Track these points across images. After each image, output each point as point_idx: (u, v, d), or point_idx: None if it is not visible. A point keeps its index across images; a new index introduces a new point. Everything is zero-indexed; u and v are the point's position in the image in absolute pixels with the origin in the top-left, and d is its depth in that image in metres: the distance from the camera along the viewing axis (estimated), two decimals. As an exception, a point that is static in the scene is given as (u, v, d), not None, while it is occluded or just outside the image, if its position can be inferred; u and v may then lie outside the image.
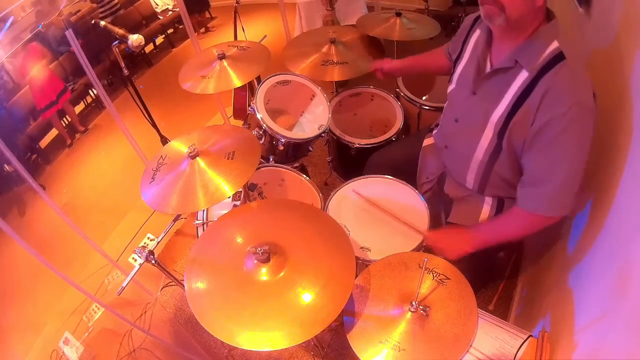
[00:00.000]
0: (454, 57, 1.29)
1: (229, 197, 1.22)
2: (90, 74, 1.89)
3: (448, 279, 0.98)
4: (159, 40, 5.00)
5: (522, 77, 1.01)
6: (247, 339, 0.84)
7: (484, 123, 1.11)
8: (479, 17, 1.19)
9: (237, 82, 1.63)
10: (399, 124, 1.83)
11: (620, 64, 1.00)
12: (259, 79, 1.79)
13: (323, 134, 1.64)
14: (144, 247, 1.20)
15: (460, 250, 1.15)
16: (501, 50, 1.08)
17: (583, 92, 0.94)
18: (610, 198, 0.93)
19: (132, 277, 1.21)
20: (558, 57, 0.96)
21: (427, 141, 1.48)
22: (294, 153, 1.75)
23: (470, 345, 0.88)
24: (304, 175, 1.61)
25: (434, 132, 1.44)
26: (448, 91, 1.29)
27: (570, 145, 0.96)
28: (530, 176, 1.05)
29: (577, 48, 0.99)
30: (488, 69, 1.12)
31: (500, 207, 1.26)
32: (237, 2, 2.22)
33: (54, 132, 3.89)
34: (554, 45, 0.97)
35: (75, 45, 1.78)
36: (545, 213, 1.03)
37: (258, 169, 1.55)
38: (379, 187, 1.44)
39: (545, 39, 0.98)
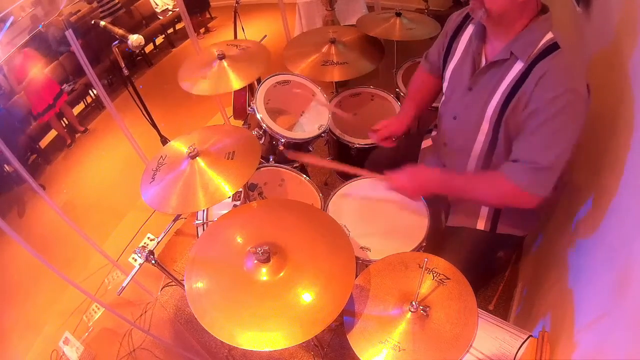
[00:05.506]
0: (442, 57, 1.28)
1: (229, 197, 1.22)
2: (90, 74, 1.89)
3: (448, 279, 0.98)
4: (159, 40, 4.98)
5: (518, 67, 1.02)
6: (247, 339, 0.84)
7: (481, 116, 1.12)
8: (468, 14, 1.20)
9: (236, 85, 1.63)
10: (398, 124, 1.82)
11: (620, 63, 1.00)
12: (259, 79, 1.79)
13: (323, 134, 1.64)
14: (144, 247, 1.20)
15: (423, 190, 1.18)
16: (495, 44, 1.09)
17: (578, 80, 0.95)
18: (611, 198, 0.93)
19: (132, 277, 1.21)
20: (553, 47, 0.97)
21: (426, 143, 1.48)
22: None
23: (470, 345, 0.88)
24: (304, 175, 1.61)
25: (433, 133, 1.44)
26: (443, 89, 1.30)
27: (563, 128, 0.97)
28: (520, 153, 1.04)
29: (575, 48, 1.00)
30: (483, 63, 1.12)
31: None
32: (237, 2, 2.22)
33: (54, 132, 3.87)
34: (549, 36, 0.98)
35: (75, 45, 1.78)
36: (525, 188, 1.02)
37: (258, 169, 1.55)
38: (379, 186, 1.44)
39: (540, 30, 0.99)
